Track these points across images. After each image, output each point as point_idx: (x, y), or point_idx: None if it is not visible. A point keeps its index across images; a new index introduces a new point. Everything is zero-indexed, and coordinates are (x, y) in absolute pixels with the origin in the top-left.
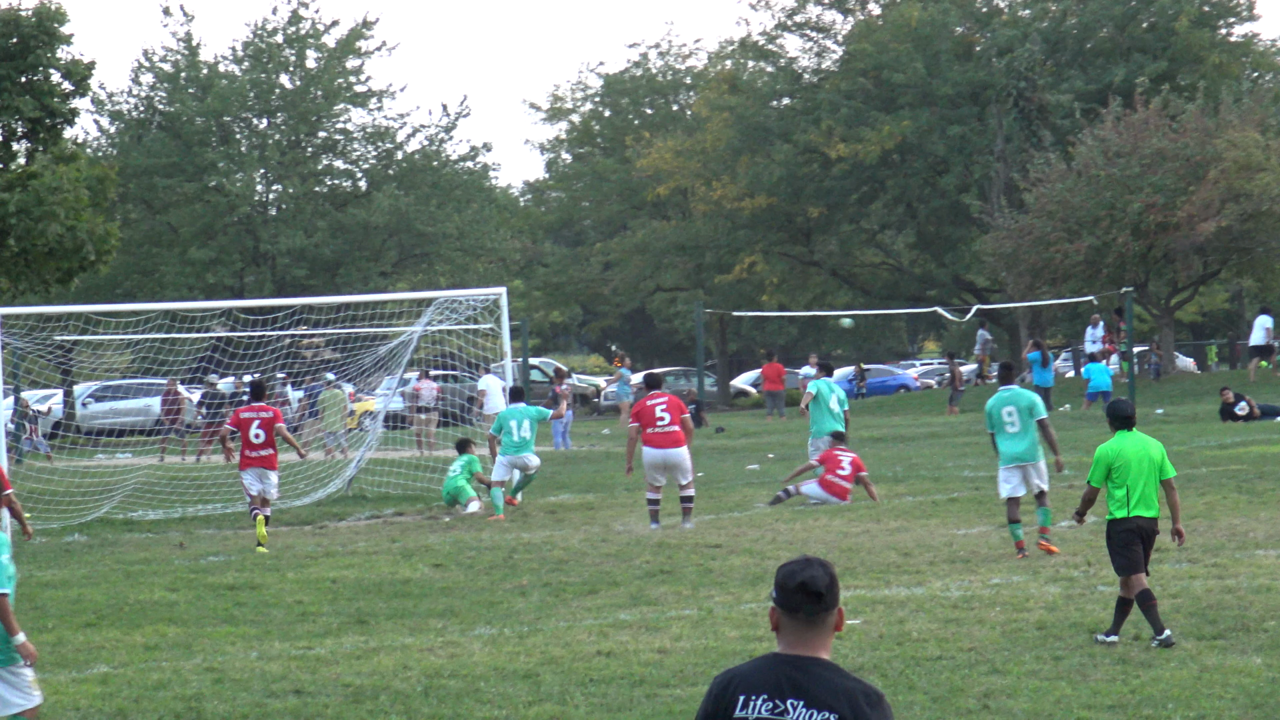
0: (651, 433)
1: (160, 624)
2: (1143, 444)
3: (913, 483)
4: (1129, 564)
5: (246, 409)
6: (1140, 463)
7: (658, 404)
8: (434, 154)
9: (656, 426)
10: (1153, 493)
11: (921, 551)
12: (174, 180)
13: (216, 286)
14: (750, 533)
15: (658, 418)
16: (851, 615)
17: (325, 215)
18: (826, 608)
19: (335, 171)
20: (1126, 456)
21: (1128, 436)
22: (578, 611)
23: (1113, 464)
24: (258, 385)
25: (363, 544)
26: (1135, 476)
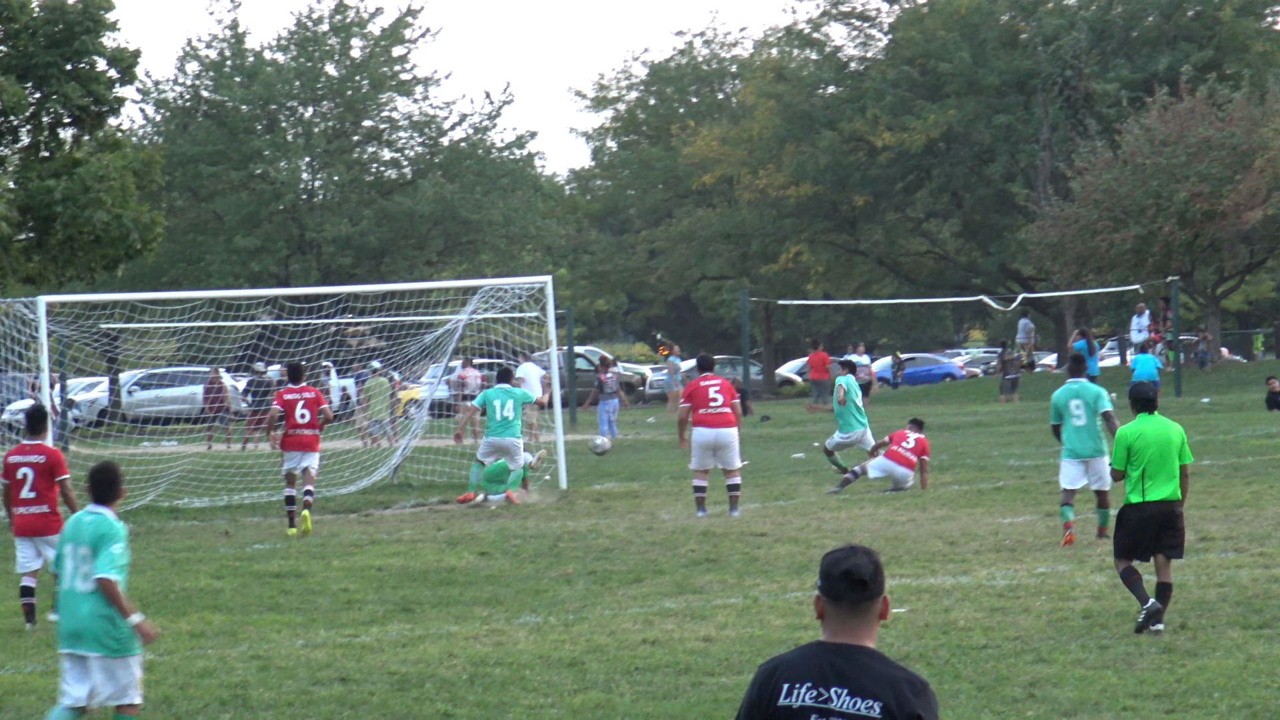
0: (704, 413)
1: (206, 612)
2: (1163, 427)
3: (959, 471)
4: (1124, 552)
5: (289, 390)
6: (1159, 445)
7: (710, 385)
8: (479, 142)
9: (709, 407)
10: (1170, 474)
11: (967, 540)
12: (219, 168)
13: (262, 275)
14: (796, 521)
15: (710, 398)
16: (897, 604)
17: (371, 203)
18: (871, 596)
19: (380, 159)
20: (1146, 438)
21: (1148, 419)
22: (623, 600)
23: (1132, 445)
24: (295, 367)
25: (408, 532)
26: (1153, 459)
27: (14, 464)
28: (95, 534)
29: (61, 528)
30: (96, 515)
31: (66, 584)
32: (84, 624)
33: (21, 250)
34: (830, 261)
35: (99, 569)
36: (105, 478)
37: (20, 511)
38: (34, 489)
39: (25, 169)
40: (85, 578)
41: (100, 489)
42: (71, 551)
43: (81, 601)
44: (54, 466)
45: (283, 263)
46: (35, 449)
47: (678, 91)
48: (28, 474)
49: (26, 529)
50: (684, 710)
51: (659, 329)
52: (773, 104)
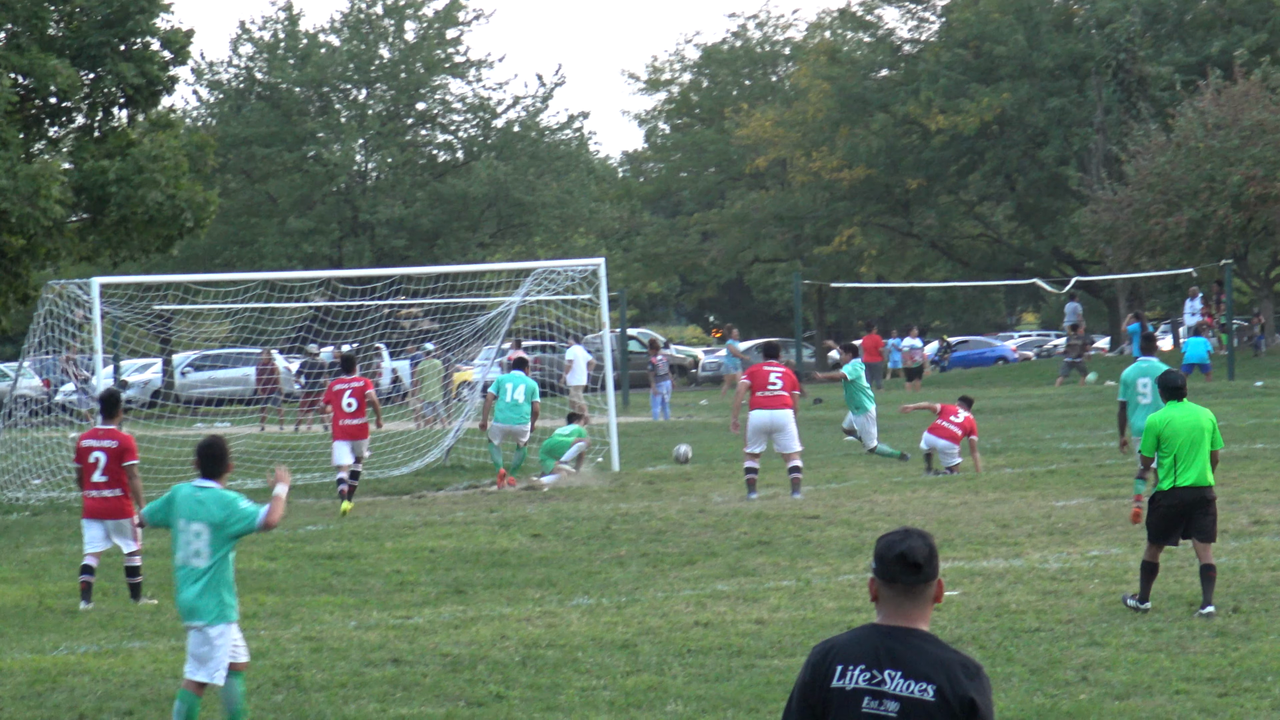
0: (761, 395)
1: (259, 593)
2: (1193, 413)
3: (1011, 454)
4: (1157, 535)
5: (339, 381)
6: (1189, 431)
7: (772, 371)
8: (532, 124)
9: (767, 389)
10: (1201, 461)
11: (1020, 523)
12: (273, 150)
13: (315, 256)
14: (848, 504)
15: (770, 382)
16: (949, 587)
17: (424, 185)
18: (926, 579)
19: (434, 141)
20: (1175, 425)
21: (1178, 407)
22: (675, 582)
23: (1161, 433)
24: (348, 359)
25: (461, 514)
26: (1183, 445)
27: (87, 448)
28: (220, 507)
29: (131, 510)
30: (209, 490)
31: (180, 560)
32: (198, 600)
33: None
34: (883, 244)
35: (248, 522)
36: (213, 453)
37: (92, 495)
38: (106, 473)
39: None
40: (198, 554)
41: (209, 464)
42: (185, 528)
43: (196, 578)
44: (125, 451)
45: (336, 244)
46: (109, 434)
47: (731, 74)
48: (100, 458)
49: (97, 512)
50: (736, 692)
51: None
52: (826, 87)
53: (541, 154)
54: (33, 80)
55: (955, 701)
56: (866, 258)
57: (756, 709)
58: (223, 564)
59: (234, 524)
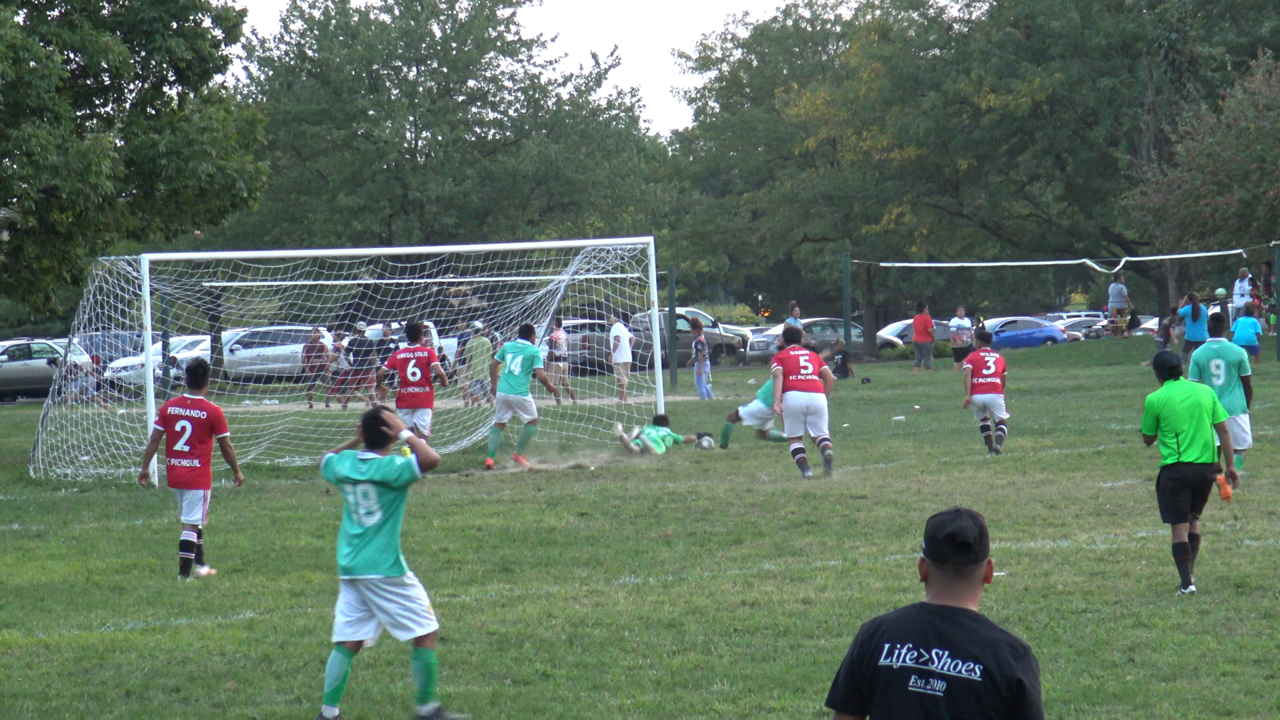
0: (795, 379)
1: (306, 570)
2: (1190, 391)
3: (1059, 435)
4: (1174, 513)
5: (404, 350)
6: (1188, 409)
7: (800, 355)
8: (583, 103)
9: (800, 374)
10: (1205, 437)
11: (1067, 504)
12: (323, 127)
13: (364, 234)
14: (895, 484)
15: (802, 366)
16: (998, 568)
17: (474, 163)
18: (975, 559)
19: (484, 120)
20: (1174, 404)
21: (1175, 385)
22: (722, 561)
23: (1160, 412)
24: (414, 327)
25: (508, 492)
26: (1185, 422)
27: (174, 415)
28: (390, 469)
29: (208, 484)
30: (374, 459)
31: (354, 521)
32: (368, 558)
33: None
34: (933, 224)
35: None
36: (377, 423)
37: (174, 463)
38: (190, 443)
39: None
40: (370, 513)
41: (372, 434)
42: (353, 490)
43: (367, 538)
44: (215, 423)
45: (385, 222)
46: (197, 404)
47: (781, 52)
48: (186, 427)
49: (179, 480)
50: (783, 672)
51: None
52: (877, 66)
53: (592, 133)
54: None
55: (1002, 682)
56: (916, 237)
57: (803, 689)
58: (395, 521)
59: (396, 477)
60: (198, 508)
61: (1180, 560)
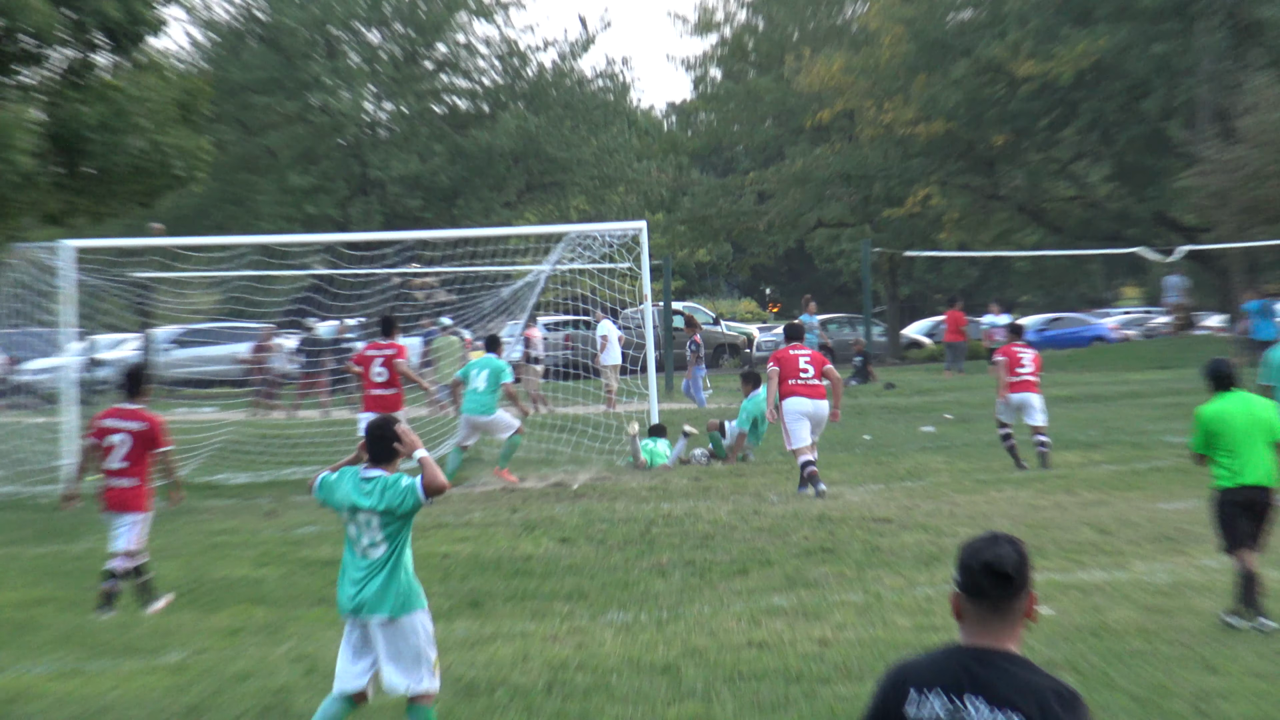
0: (796, 383)
1: (246, 604)
2: (1247, 404)
3: (1110, 449)
4: (1233, 539)
5: (372, 345)
6: (1247, 425)
7: (800, 355)
8: (567, 71)
9: (800, 378)
10: (1264, 457)
11: (1122, 528)
12: (273, 98)
13: (318, 218)
14: (924, 505)
15: (801, 369)
16: (1042, 602)
17: (442, 138)
18: (1016, 592)
19: (455, 90)
20: (1229, 419)
21: (1229, 397)
22: (725, 595)
23: (1213, 428)
24: (388, 320)
25: (478, 514)
26: (1242, 441)
27: (108, 428)
28: (394, 493)
29: (148, 505)
30: (379, 477)
31: (357, 553)
32: (374, 596)
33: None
34: (964, 207)
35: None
36: (383, 434)
37: (109, 484)
38: (127, 459)
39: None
40: (375, 545)
41: (377, 448)
42: (350, 518)
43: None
44: (155, 436)
45: (342, 205)
46: (134, 414)
47: (791, 14)
48: (123, 441)
49: (112, 503)
50: None
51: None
52: (901, 29)
53: (577, 104)
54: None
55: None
56: (945, 222)
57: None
58: (403, 550)
59: (405, 507)
60: (131, 533)
61: (1248, 592)
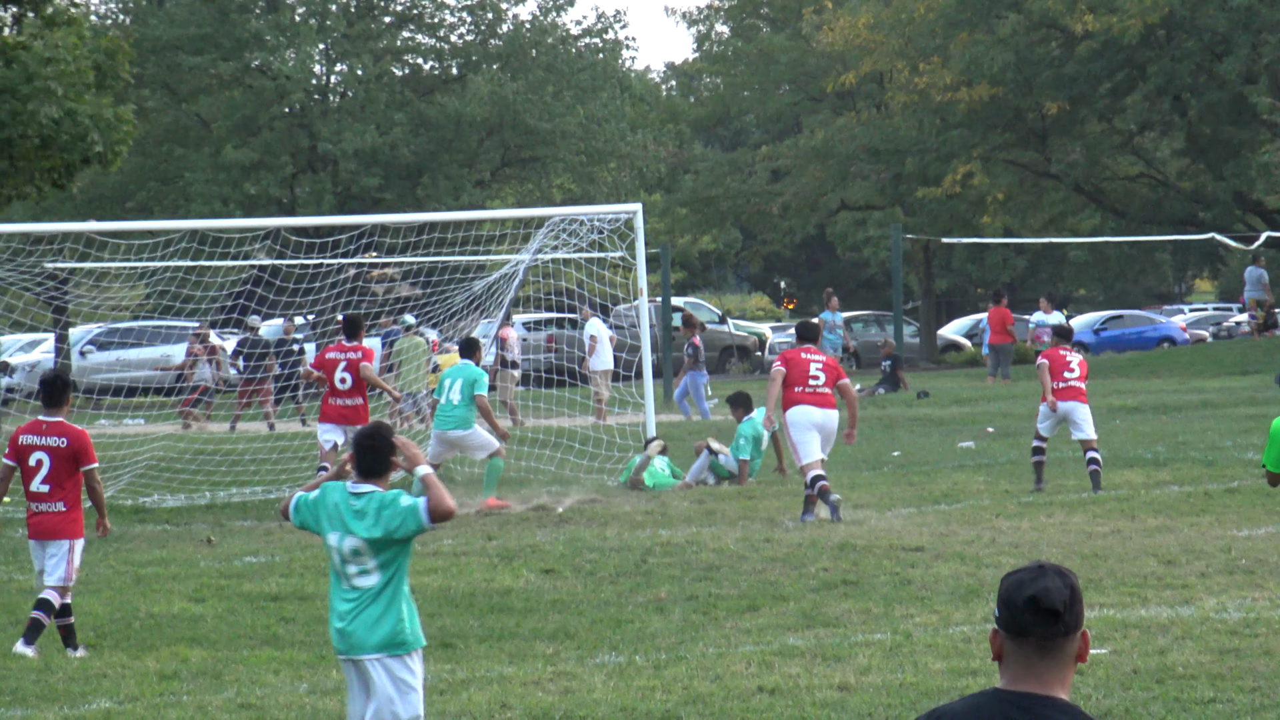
0: (804, 391)
1: (180, 645)
2: None
3: (1179, 467)
4: None
5: (334, 348)
6: None
7: (813, 360)
8: (549, 27)
9: (809, 385)
10: None
11: (1190, 559)
12: (205, 58)
13: (260, 199)
14: (962, 532)
15: (811, 376)
16: (1096, 642)
17: (405, 105)
18: (1065, 631)
19: (419, 48)
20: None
21: None
22: (732, 634)
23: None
24: (353, 320)
25: (449, 542)
26: None
27: (27, 446)
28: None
29: (79, 531)
30: (371, 494)
31: (343, 583)
32: (363, 631)
33: None
34: (1012, 187)
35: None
36: (375, 444)
37: (31, 508)
38: (49, 481)
39: None
40: (365, 573)
41: (368, 459)
42: (339, 542)
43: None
44: (80, 452)
45: (287, 183)
46: (55, 428)
47: None
48: (43, 460)
49: (37, 530)
50: None
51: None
52: None
53: (560, 66)
54: None
55: None
56: (990, 204)
57: None
58: (399, 579)
59: (402, 528)
60: (63, 563)
61: None
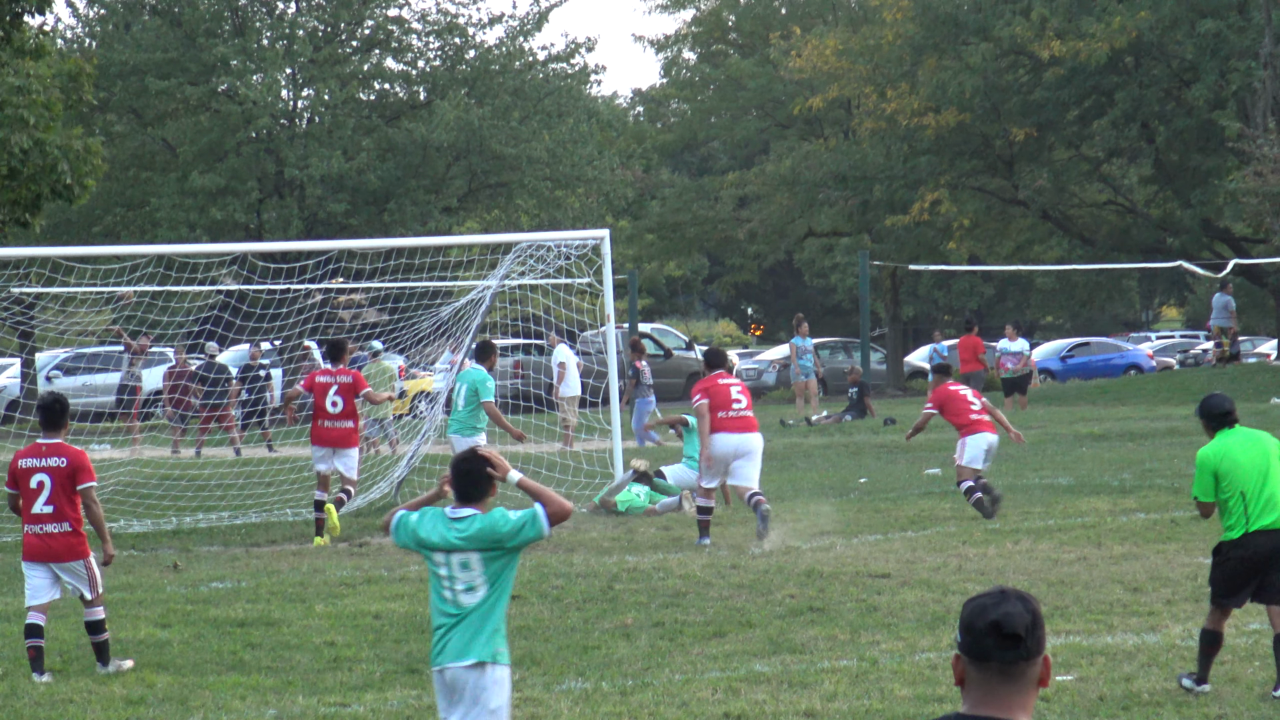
0: (725, 417)
1: (147, 671)
2: (1253, 440)
3: (1144, 494)
4: (1229, 595)
5: (323, 372)
6: (1253, 461)
7: (731, 385)
8: (517, 52)
9: (731, 410)
10: (1274, 496)
11: (1156, 586)
12: (171, 82)
13: (226, 224)
14: (928, 558)
15: (734, 400)
16: (1061, 669)
17: (372, 131)
18: (1027, 656)
19: (386, 73)
20: (1235, 457)
21: (1231, 435)
22: (699, 660)
23: (1219, 469)
24: (337, 344)
25: (415, 568)
26: (1250, 479)
27: (27, 469)
28: (506, 526)
29: (86, 549)
30: (472, 517)
31: (448, 602)
32: (461, 643)
33: None
34: (978, 214)
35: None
36: (473, 468)
37: (34, 530)
38: (52, 502)
39: None
40: (470, 589)
41: (467, 483)
42: (445, 561)
43: (464, 620)
44: (78, 470)
45: (254, 209)
46: (54, 449)
47: None
48: (45, 482)
49: (41, 552)
50: None
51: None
52: (906, 3)
53: (528, 91)
54: None
55: None
56: (956, 232)
57: None
58: (503, 595)
59: (511, 534)
60: (86, 582)
61: (1206, 648)
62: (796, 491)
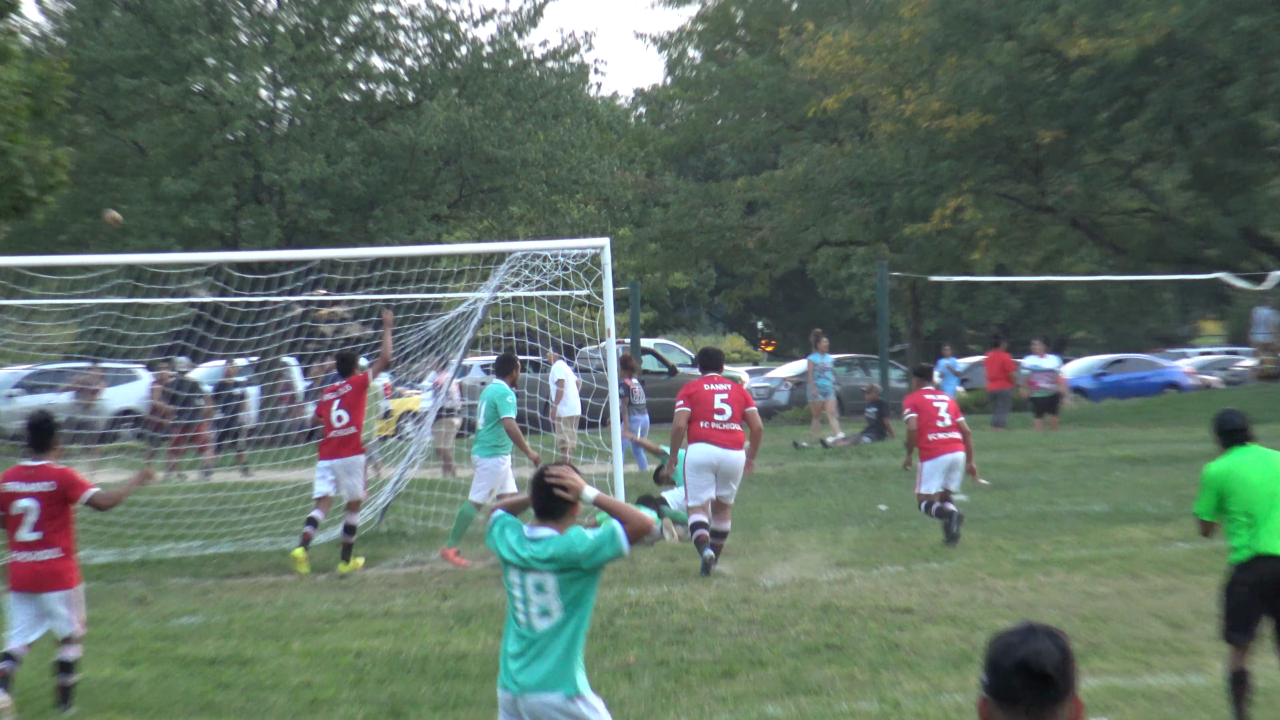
0: (708, 427)
1: (111, 713)
2: (1265, 458)
3: (1185, 522)
4: (1239, 629)
5: (329, 389)
6: (1264, 480)
7: (717, 392)
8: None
9: (714, 421)
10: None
11: (1198, 622)
12: (143, 81)
13: (200, 232)
14: (954, 592)
15: (716, 409)
16: (1096, 711)
17: (356, 133)
18: (1057, 696)
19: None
20: (1244, 476)
21: (1243, 452)
22: (707, 702)
23: (1225, 487)
24: (345, 358)
25: (400, 601)
26: (1259, 499)
27: (11, 493)
28: (584, 545)
29: (76, 578)
30: (550, 538)
31: (522, 625)
32: (540, 673)
33: None
34: (1004, 222)
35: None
36: (548, 488)
37: (19, 558)
38: (40, 527)
39: None
40: (544, 613)
41: (546, 498)
42: (520, 581)
43: (539, 646)
44: (68, 490)
45: (230, 216)
46: (40, 472)
47: None
48: (30, 507)
49: (28, 581)
50: None
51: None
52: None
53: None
54: None
55: None
56: (980, 241)
57: None
58: (582, 621)
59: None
60: (72, 616)
61: (1237, 692)
62: (811, 519)
